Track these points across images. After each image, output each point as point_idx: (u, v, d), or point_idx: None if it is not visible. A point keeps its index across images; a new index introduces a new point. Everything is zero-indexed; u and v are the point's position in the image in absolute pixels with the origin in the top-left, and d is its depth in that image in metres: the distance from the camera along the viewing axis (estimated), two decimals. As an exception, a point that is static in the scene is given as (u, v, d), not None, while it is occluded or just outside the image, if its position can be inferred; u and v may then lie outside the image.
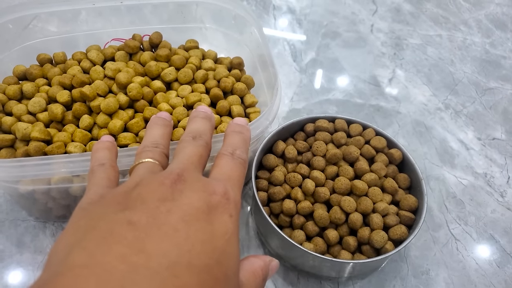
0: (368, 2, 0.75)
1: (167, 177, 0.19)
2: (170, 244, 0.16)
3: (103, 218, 0.17)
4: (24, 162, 0.31)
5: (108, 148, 0.25)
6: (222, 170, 0.22)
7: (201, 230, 0.17)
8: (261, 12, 0.71)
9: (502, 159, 0.52)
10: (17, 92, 0.40)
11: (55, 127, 0.38)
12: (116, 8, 0.46)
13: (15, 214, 0.42)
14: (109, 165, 0.23)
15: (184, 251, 0.16)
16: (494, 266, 0.42)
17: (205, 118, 0.25)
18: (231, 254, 0.18)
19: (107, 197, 0.19)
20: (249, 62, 0.47)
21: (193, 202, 0.18)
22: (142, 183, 0.19)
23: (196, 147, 0.23)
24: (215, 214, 0.18)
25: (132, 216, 0.17)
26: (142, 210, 0.17)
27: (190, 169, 0.21)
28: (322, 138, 0.41)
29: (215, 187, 0.20)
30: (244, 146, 0.24)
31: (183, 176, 0.19)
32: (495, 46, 0.69)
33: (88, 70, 0.42)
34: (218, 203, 0.19)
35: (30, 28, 0.45)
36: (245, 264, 0.21)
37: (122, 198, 0.18)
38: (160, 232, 0.16)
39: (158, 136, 0.25)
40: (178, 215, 0.17)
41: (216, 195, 0.19)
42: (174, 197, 0.18)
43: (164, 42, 0.47)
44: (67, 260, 0.15)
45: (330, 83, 0.60)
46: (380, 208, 0.37)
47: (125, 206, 0.18)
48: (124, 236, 0.16)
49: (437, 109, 0.58)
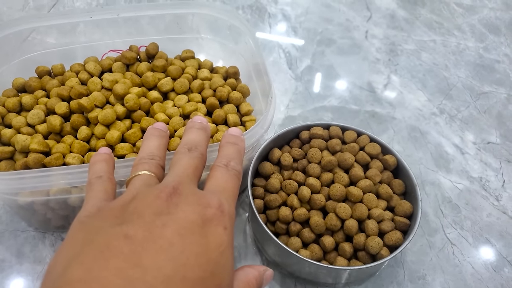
0: (362, 8, 0.76)
1: (163, 190, 0.20)
2: (165, 258, 0.16)
3: (100, 232, 0.18)
4: (23, 175, 0.31)
5: (105, 160, 0.25)
6: (216, 182, 0.22)
7: (196, 243, 0.18)
8: (256, 20, 0.71)
9: (497, 163, 0.53)
10: (16, 104, 0.41)
11: (54, 138, 0.39)
12: (113, 20, 0.46)
13: (15, 225, 0.43)
14: (106, 177, 0.24)
15: (179, 265, 0.17)
16: (491, 270, 0.43)
17: (200, 129, 0.26)
18: (225, 266, 0.19)
19: (104, 211, 0.20)
20: (244, 71, 0.48)
21: (188, 215, 0.19)
22: (138, 196, 0.20)
23: (192, 159, 0.23)
24: (209, 226, 0.19)
25: (129, 230, 0.17)
26: (139, 224, 0.18)
27: (185, 182, 0.21)
28: (317, 145, 0.42)
29: (210, 200, 0.20)
30: (238, 157, 0.25)
31: (178, 189, 0.20)
32: (488, 51, 0.69)
33: (86, 81, 0.43)
34: (213, 216, 0.19)
35: (29, 40, 0.46)
36: (240, 274, 0.21)
37: (119, 212, 0.19)
38: (155, 246, 0.17)
39: (154, 147, 0.25)
40: (173, 229, 0.18)
41: (211, 208, 0.20)
42: (170, 210, 0.18)
43: (161, 52, 0.47)
44: (65, 275, 0.16)
45: (325, 90, 0.60)
46: (375, 214, 0.37)
47: (122, 220, 0.18)
48: (121, 250, 0.16)
49: (432, 114, 0.58)
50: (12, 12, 0.68)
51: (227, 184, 0.22)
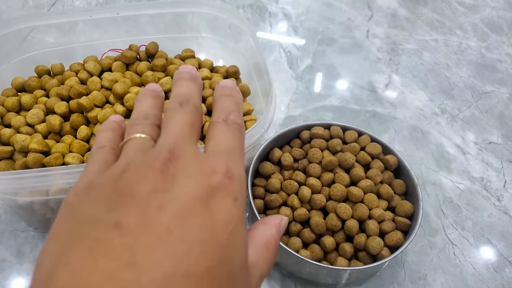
0: (363, 8, 0.75)
1: (157, 157, 0.17)
2: (163, 251, 0.14)
3: (88, 222, 0.16)
4: (22, 175, 0.31)
5: (112, 129, 0.22)
6: (218, 142, 0.19)
7: (199, 226, 0.15)
8: (257, 19, 0.71)
9: (498, 163, 0.52)
10: (15, 104, 0.41)
11: (53, 138, 0.39)
12: (113, 19, 0.46)
13: (15, 225, 0.43)
14: (109, 147, 0.20)
15: (180, 258, 0.14)
16: (491, 271, 0.42)
17: (190, 80, 0.22)
18: (236, 248, 0.16)
19: (93, 187, 0.17)
20: (245, 71, 0.47)
21: (189, 190, 0.16)
22: (130, 168, 0.17)
23: (185, 115, 0.20)
24: (216, 200, 0.16)
25: (120, 216, 0.15)
26: (130, 208, 0.15)
27: (182, 143, 0.18)
28: (318, 145, 0.42)
29: (215, 164, 0.17)
30: (237, 109, 0.21)
31: (175, 153, 0.17)
32: (490, 50, 0.69)
33: (86, 81, 0.43)
34: (220, 185, 0.16)
35: (28, 39, 0.46)
36: (255, 236, 0.18)
37: (109, 190, 0.16)
38: (151, 236, 0.15)
39: (148, 107, 0.22)
40: (171, 211, 0.15)
41: (217, 174, 0.17)
42: (166, 186, 0.16)
43: (161, 52, 0.47)
44: (51, 281, 0.14)
45: (326, 89, 0.60)
46: (376, 215, 0.37)
47: (113, 202, 0.16)
48: (112, 244, 0.14)
49: (433, 114, 0.58)
50: (11, 11, 0.68)
51: (232, 142, 0.19)
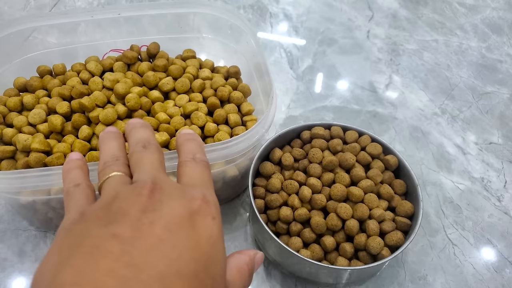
0: (364, 8, 0.75)
1: (143, 187, 0.19)
2: (157, 254, 0.16)
3: (87, 235, 0.17)
4: (24, 174, 0.31)
5: (79, 167, 0.24)
6: (191, 176, 0.22)
7: (186, 237, 0.18)
8: (258, 19, 0.71)
9: (499, 163, 0.52)
10: (17, 104, 0.41)
11: (55, 138, 0.39)
12: (114, 19, 0.46)
13: (16, 224, 0.43)
14: (85, 184, 0.22)
15: (172, 261, 0.16)
16: (492, 271, 0.42)
17: (143, 127, 0.25)
18: (217, 258, 0.18)
19: (88, 214, 0.19)
20: (246, 71, 0.48)
21: (174, 210, 0.18)
22: (120, 196, 0.19)
23: (152, 154, 0.22)
24: (197, 219, 0.19)
25: (116, 229, 0.17)
26: (125, 223, 0.17)
27: (160, 177, 0.20)
28: (318, 145, 0.42)
29: (193, 192, 0.20)
30: (201, 150, 0.24)
31: (157, 184, 0.19)
32: (491, 50, 0.69)
33: (87, 81, 0.43)
34: (199, 208, 0.19)
35: (30, 40, 0.46)
36: (230, 262, 0.21)
37: (102, 213, 0.18)
38: (146, 243, 0.17)
39: (115, 148, 0.24)
40: (161, 225, 0.17)
41: (196, 200, 0.19)
42: (155, 207, 0.18)
43: (162, 52, 0.47)
44: (56, 279, 0.15)
45: (326, 89, 0.60)
46: (376, 215, 0.37)
47: (108, 221, 0.18)
48: (111, 250, 0.16)
49: (434, 114, 0.58)
50: (13, 12, 0.68)
51: (202, 175, 0.22)
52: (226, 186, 0.43)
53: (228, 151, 0.34)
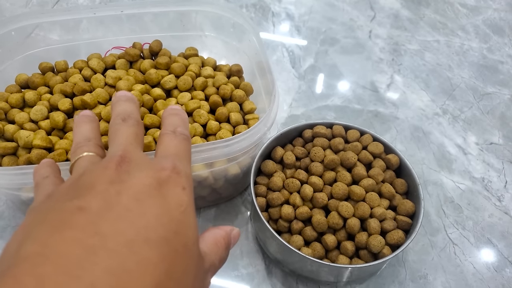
0: (366, 8, 0.75)
1: (111, 160, 0.19)
2: (125, 223, 0.16)
3: (52, 210, 0.17)
4: (25, 170, 0.31)
5: (49, 166, 0.24)
6: (166, 147, 0.21)
7: (155, 205, 0.17)
8: (260, 19, 0.71)
9: (499, 163, 0.53)
10: (19, 100, 0.41)
11: (57, 134, 0.39)
12: (117, 16, 0.46)
13: (17, 221, 0.43)
14: (53, 176, 0.23)
15: (140, 228, 0.16)
16: (492, 270, 0.42)
17: (127, 100, 0.24)
18: (188, 225, 0.18)
19: (54, 193, 0.19)
20: (248, 69, 0.48)
21: (142, 180, 0.18)
22: (86, 172, 0.19)
23: (129, 127, 0.22)
24: (167, 188, 0.18)
25: (82, 202, 0.17)
26: (92, 195, 0.17)
27: (130, 150, 0.20)
28: (320, 144, 0.42)
29: (163, 163, 0.19)
30: (184, 124, 0.24)
31: (126, 156, 0.19)
32: (492, 51, 0.69)
33: (89, 78, 0.43)
34: (169, 178, 0.19)
35: (32, 37, 0.46)
36: (207, 235, 0.21)
37: (69, 189, 0.18)
38: (113, 213, 0.16)
39: (87, 131, 0.24)
40: (129, 195, 0.17)
41: (165, 170, 0.19)
42: (122, 178, 0.18)
43: (164, 50, 0.47)
44: (19, 252, 0.15)
45: (328, 89, 0.60)
46: (378, 213, 0.37)
47: (73, 195, 0.17)
48: (76, 223, 0.16)
49: (435, 114, 0.58)
50: (15, 8, 0.68)
51: (178, 147, 0.22)
52: (227, 184, 0.43)
53: (230, 149, 0.35)
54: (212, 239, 0.21)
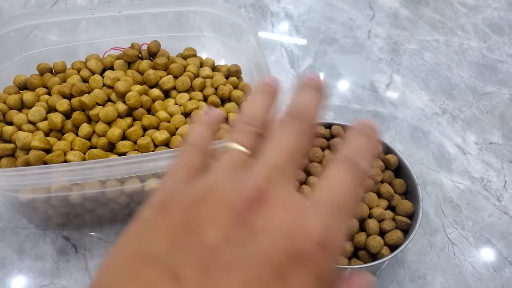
0: (365, 8, 0.75)
1: (242, 193, 0.14)
2: None
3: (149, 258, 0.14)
4: (24, 172, 0.31)
5: (208, 124, 0.19)
6: (331, 187, 0.15)
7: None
8: (258, 18, 0.71)
9: (498, 163, 0.52)
10: (17, 101, 0.41)
11: (55, 135, 0.39)
12: (115, 17, 0.46)
13: (16, 222, 0.43)
14: (199, 146, 0.18)
15: None
16: (491, 270, 0.42)
17: (314, 89, 0.19)
18: None
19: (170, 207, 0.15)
20: (246, 70, 0.48)
21: (266, 253, 0.13)
22: (210, 197, 0.15)
23: (295, 135, 0.17)
24: (294, 274, 0.13)
25: (181, 265, 0.13)
26: (195, 256, 0.13)
27: (277, 180, 0.15)
28: (319, 144, 0.42)
29: (309, 221, 0.14)
30: (368, 154, 0.17)
31: (264, 193, 0.14)
32: (492, 51, 0.69)
33: (88, 79, 0.43)
34: (305, 255, 0.13)
35: (30, 37, 0.46)
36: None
37: (180, 220, 0.14)
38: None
39: (257, 108, 0.19)
40: (237, 277, 0.12)
41: (306, 239, 0.13)
42: (241, 239, 0.13)
43: (162, 50, 0.47)
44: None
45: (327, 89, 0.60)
46: (376, 214, 0.37)
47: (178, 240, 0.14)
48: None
49: (434, 114, 0.58)
50: (13, 9, 0.68)
51: (346, 192, 0.15)
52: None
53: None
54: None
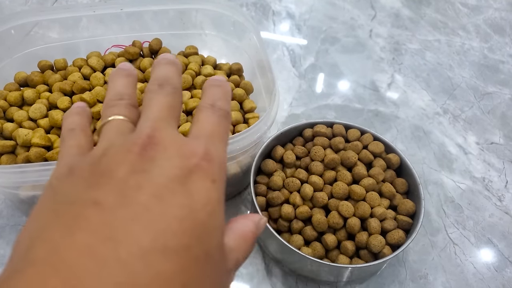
0: (367, 7, 0.75)
1: (136, 141, 0.17)
2: (140, 226, 0.14)
3: (68, 200, 0.16)
4: (24, 168, 0.31)
5: (78, 113, 0.22)
6: (202, 126, 0.19)
7: (177, 205, 0.15)
8: (260, 17, 0.71)
9: (500, 163, 0.52)
10: (18, 98, 0.41)
11: (56, 133, 0.39)
12: (116, 15, 0.46)
13: (16, 220, 0.43)
14: (79, 129, 0.20)
15: (158, 233, 0.14)
16: (492, 270, 0.42)
17: (168, 63, 0.22)
18: (214, 228, 0.16)
19: (74, 170, 0.17)
20: (248, 68, 0.47)
21: (167, 171, 0.16)
22: (109, 152, 0.17)
23: (165, 96, 0.19)
24: (193, 181, 0.16)
25: (99, 194, 0.15)
26: (109, 186, 0.15)
27: (161, 127, 0.18)
28: (321, 143, 0.42)
29: (194, 147, 0.17)
30: (225, 97, 0.21)
31: (154, 137, 0.17)
32: (493, 51, 0.69)
33: (89, 76, 0.43)
34: (197, 168, 0.17)
35: (31, 34, 0.46)
36: (235, 228, 0.19)
37: (89, 172, 0.17)
38: (129, 212, 0.15)
39: (121, 86, 0.21)
40: (149, 191, 0.15)
41: (195, 157, 0.17)
42: (145, 167, 0.16)
43: (164, 48, 0.47)
44: (29, 254, 0.14)
45: (329, 88, 0.60)
46: (378, 213, 0.37)
47: (92, 182, 0.16)
48: (90, 221, 0.14)
49: (436, 114, 0.58)
50: (14, 6, 0.68)
51: (215, 126, 0.19)
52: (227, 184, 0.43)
53: (230, 148, 0.34)
54: (241, 233, 0.19)
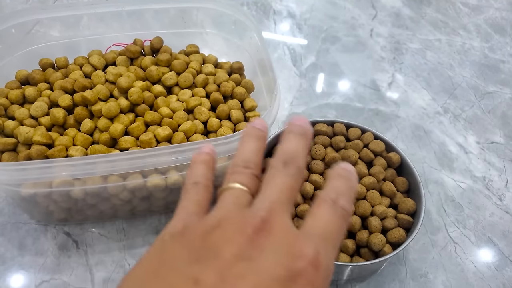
0: (367, 7, 0.75)
1: (250, 222, 0.17)
2: None
3: (171, 266, 0.17)
4: (25, 166, 0.31)
5: (205, 162, 0.22)
6: (318, 223, 0.19)
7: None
8: (261, 16, 0.71)
9: (500, 162, 0.52)
10: (19, 96, 0.41)
11: (57, 131, 0.39)
12: (117, 13, 0.46)
13: (17, 217, 0.43)
14: (202, 185, 0.21)
15: None
16: (493, 269, 0.42)
17: (300, 135, 0.21)
18: None
19: (187, 234, 0.18)
20: (249, 67, 0.47)
21: (272, 268, 0.16)
22: (222, 225, 0.18)
23: (287, 177, 0.20)
24: (294, 284, 0.16)
25: (201, 273, 0.16)
26: (213, 266, 0.16)
27: (277, 212, 0.18)
28: (321, 142, 0.42)
29: (304, 246, 0.17)
30: (350, 194, 0.20)
31: (268, 222, 0.17)
32: (494, 51, 0.69)
33: (90, 74, 0.43)
34: (303, 273, 0.16)
35: (32, 33, 0.46)
36: None
37: (199, 242, 0.17)
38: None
39: (250, 152, 0.22)
40: (250, 284, 0.15)
41: (303, 260, 0.17)
42: (252, 255, 0.16)
43: (165, 47, 0.47)
44: None
45: (329, 87, 0.60)
46: (379, 211, 0.37)
47: (198, 256, 0.17)
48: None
49: (436, 113, 0.58)
50: (15, 4, 0.68)
51: (332, 227, 0.19)
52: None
53: (231, 146, 0.34)
54: None
